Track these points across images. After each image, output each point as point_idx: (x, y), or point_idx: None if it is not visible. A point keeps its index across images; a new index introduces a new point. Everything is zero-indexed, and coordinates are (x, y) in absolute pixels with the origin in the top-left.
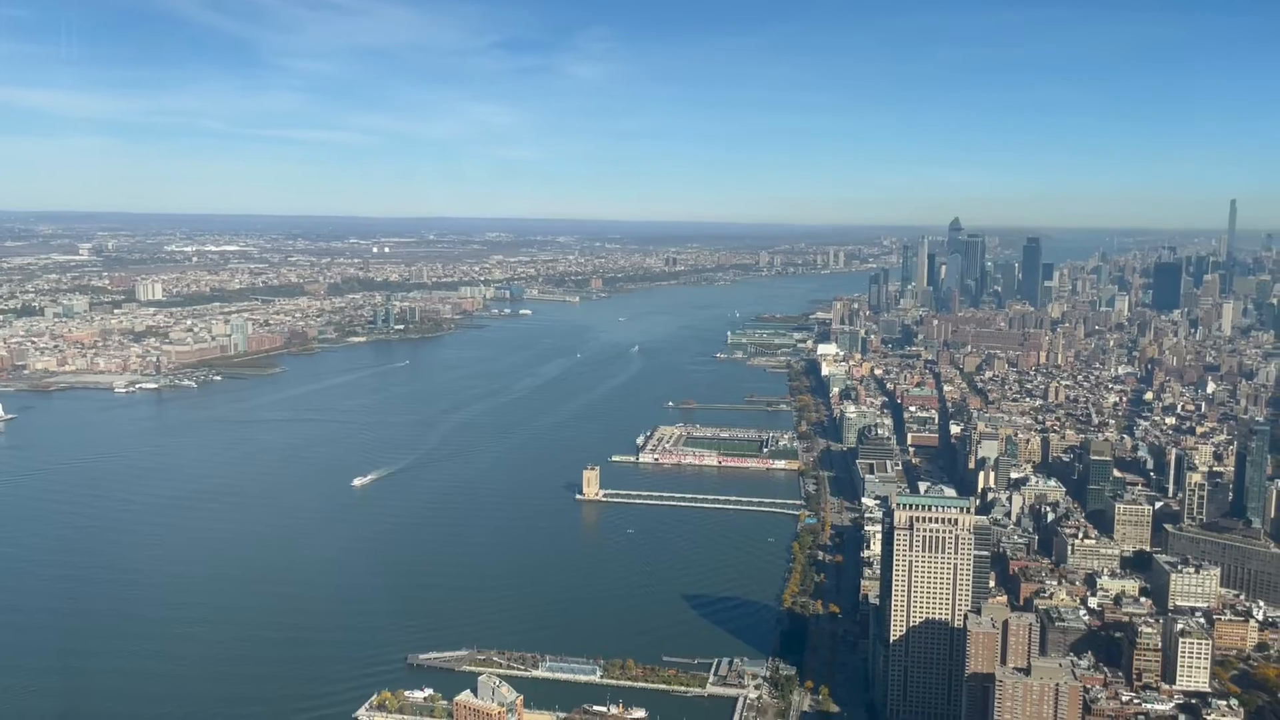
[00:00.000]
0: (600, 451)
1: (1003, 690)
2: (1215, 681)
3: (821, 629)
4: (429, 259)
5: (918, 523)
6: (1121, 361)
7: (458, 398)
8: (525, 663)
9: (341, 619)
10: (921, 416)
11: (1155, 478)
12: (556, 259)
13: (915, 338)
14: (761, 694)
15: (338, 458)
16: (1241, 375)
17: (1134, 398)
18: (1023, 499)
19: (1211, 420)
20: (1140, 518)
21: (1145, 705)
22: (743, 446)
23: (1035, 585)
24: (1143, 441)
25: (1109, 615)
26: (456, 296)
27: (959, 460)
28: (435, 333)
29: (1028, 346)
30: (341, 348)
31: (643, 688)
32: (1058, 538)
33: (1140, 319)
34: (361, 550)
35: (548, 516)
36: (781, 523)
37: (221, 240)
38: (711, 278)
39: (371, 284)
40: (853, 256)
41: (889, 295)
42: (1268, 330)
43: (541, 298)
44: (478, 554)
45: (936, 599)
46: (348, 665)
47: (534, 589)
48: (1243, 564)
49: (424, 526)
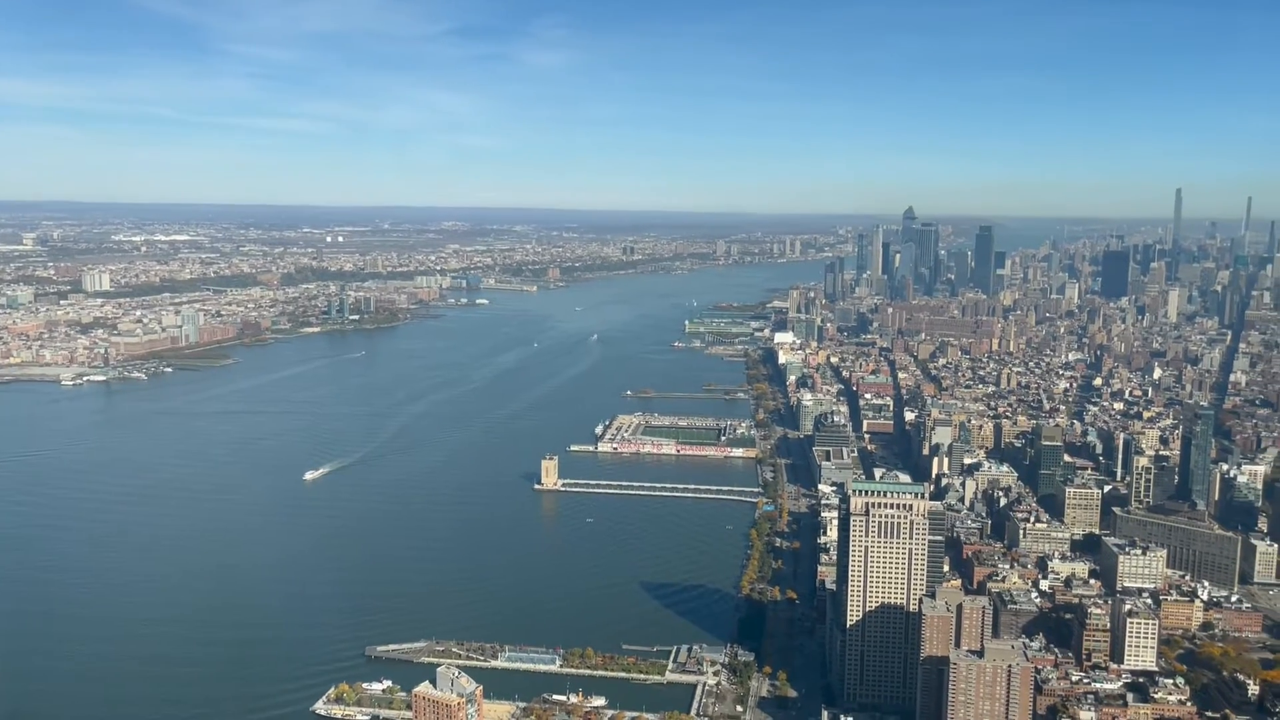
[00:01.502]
0: (559, 441)
1: (957, 672)
2: (1162, 660)
3: (779, 615)
4: (384, 248)
5: (873, 508)
6: (1071, 348)
7: (414, 388)
8: (484, 653)
9: (296, 613)
10: (877, 404)
11: (1104, 462)
12: (513, 248)
13: (870, 326)
14: (720, 680)
15: (291, 451)
16: (1187, 361)
17: (1083, 384)
18: (976, 484)
19: (1158, 405)
20: (1089, 501)
21: (1094, 684)
22: (701, 435)
23: (988, 569)
24: (1092, 426)
25: (1060, 597)
26: (412, 286)
27: (913, 446)
28: (391, 323)
29: (980, 334)
30: (295, 338)
31: (602, 676)
32: (1010, 522)
33: (1089, 306)
34: (315, 544)
35: (506, 507)
36: (739, 510)
37: (171, 230)
38: (669, 267)
39: (326, 274)
40: (809, 245)
41: (844, 284)
42: (1212, 317)
43: (498, 287)
44: (435, 546)
45: (892, 584)
46: (304, 659)
47: (493, 579)
48: (1188, 545)
49: (380, 519)
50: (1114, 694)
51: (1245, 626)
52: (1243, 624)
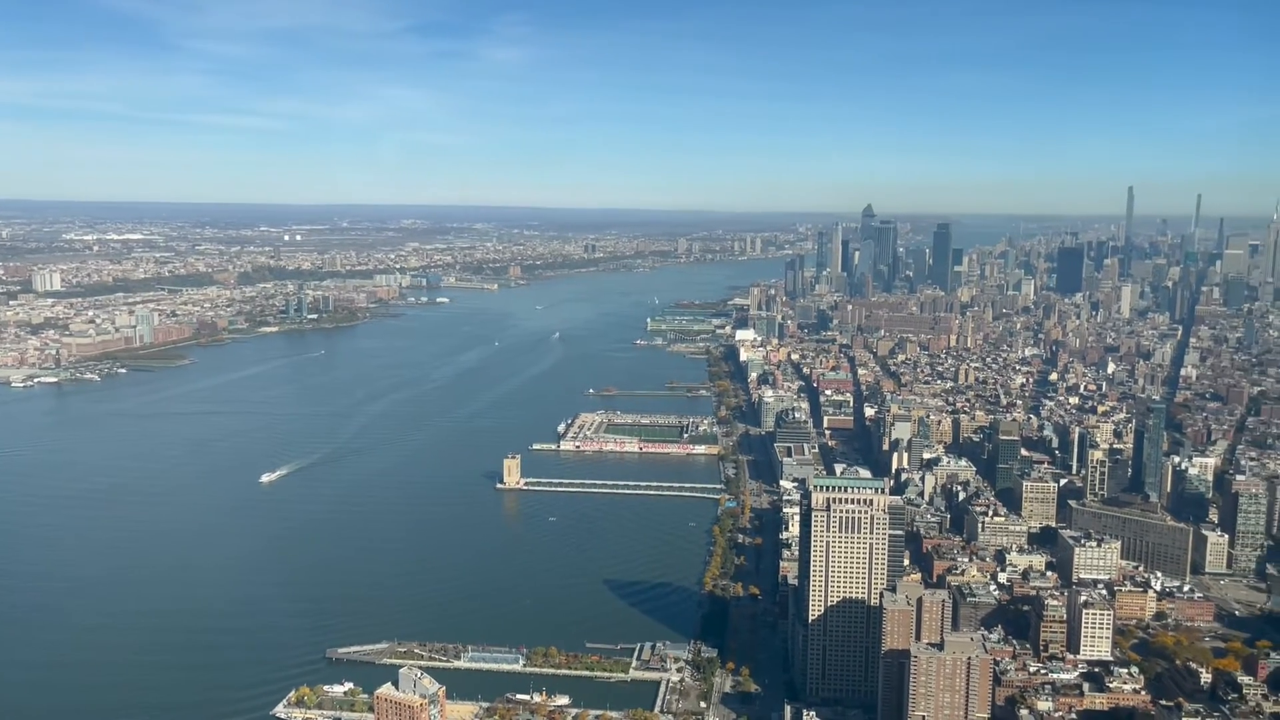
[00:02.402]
0: (521, 440)
1: (918, 665)
2: (1117, 650)
3: (742, 611)
4: (343, 247)
5: (834, 504)
6: (1028, 344)
7: (374, 388)
8: (447, 654)
9: (253, 616)
10: (837, 400)
11: (1060, 456)
12: (474, 246)
13: (830, 323)
14: (684, 677)
15: (248, 452)
16: (1139, 356)
17: (1040, 379)
18: (935, 479)
19: (1112, 399)
20: (1046, 495)
21: (1051, 675)
22: (663, 432)
23: (948, 563)
24: (1048, 421)
25: (1017, 589)
26: (372, 285)
27: (874, 442)
28: (350, 322)
29: (938, 330)
30: (253, 338)
31: (566, 675)
32: (969, 516)
33: (1045, 302)
34: (273, 546)
35: (468, 507)
36: (702, 507)
37: (124, 228)
38: (631, 265)
39: (283, 273)
40: (769, 243)
41: (805, 281)
42: (1163, 312)
43: (459, 285)
44: (397, 546)
45: (853, 578)
46: (263, 662)
47: (455, 579)
48: (1141, 537)
49: (339, 520)
50: (1070, 684)
51: (1197, 616)
52: (1195, 613)
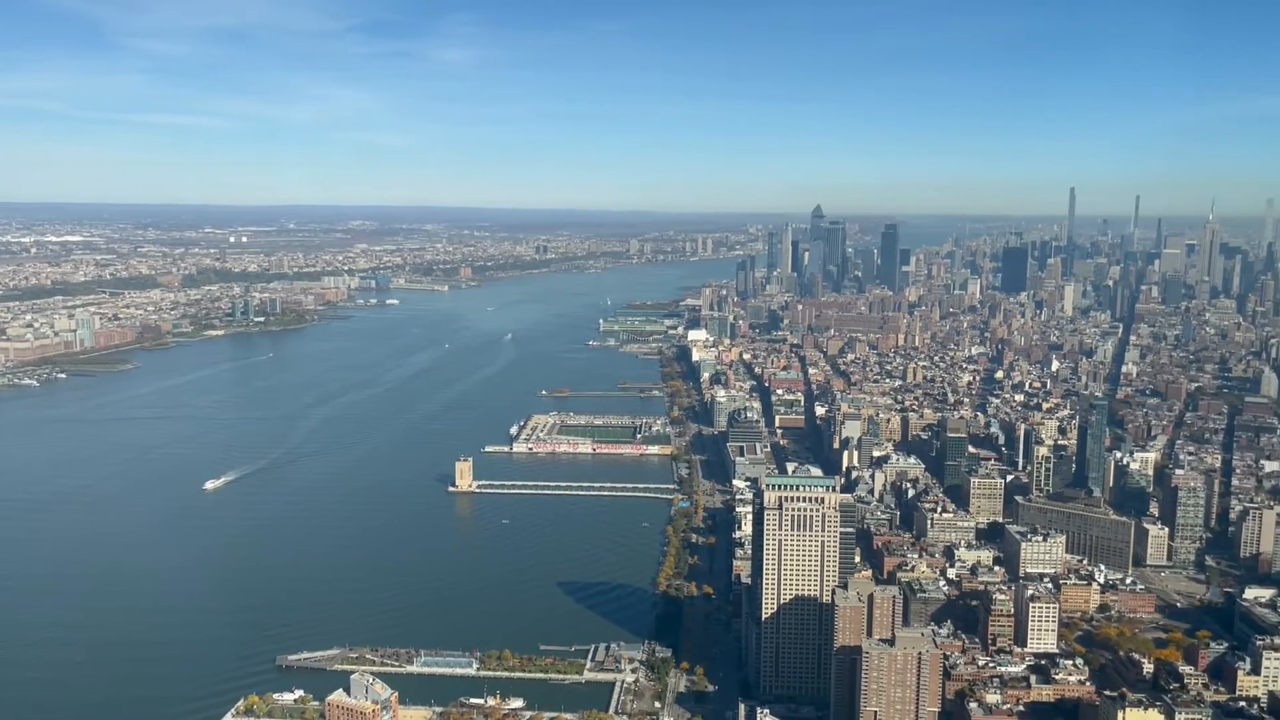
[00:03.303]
0: (473, 442)
1: (869, 661)
2: (1062, 643)
3: (696, 610)
4: (290, 248)
5: (786, 502)
6: (974, 342)
7: (323, 391)
8: (400, 658)
9: (200, 625)
10: (788, 399)
11: (1006, 452)
12: (424, 247)
13: (781, 323)
14: (638, 677)
15: (192, 458)
16: (1082, 353)
17: (986, 376)
18: (885, 476)
19: (1056, 396)
20: (993, 491)
21: (999, 668)
22: (616, 433)
23: (898, 559)
24: (994, 418)
25: (966, 585)
26: (320, 287)
27: (824, 440)
28: (298, 324)
29: (887, 329)
30: (198, 341)
31: (520, 677)
32: (918, 513)
33: (990, 301)
34: (219, 554)
35: (420, 510)
36: (656, 507)
37: (63, 230)
38: (583, 265)
39: (229, 275)
40: (720, 244)
41: (756, 282)
42: (1105, 311)
43: (409, 287)
44: (347, 551)
45: (805, 576)
46: (211, 671)
47: (407, 584)
48: (1085, 531)
49: (288, 526)
50: (1018, 676)
51: (1139, 607)
52: (1137, 605)
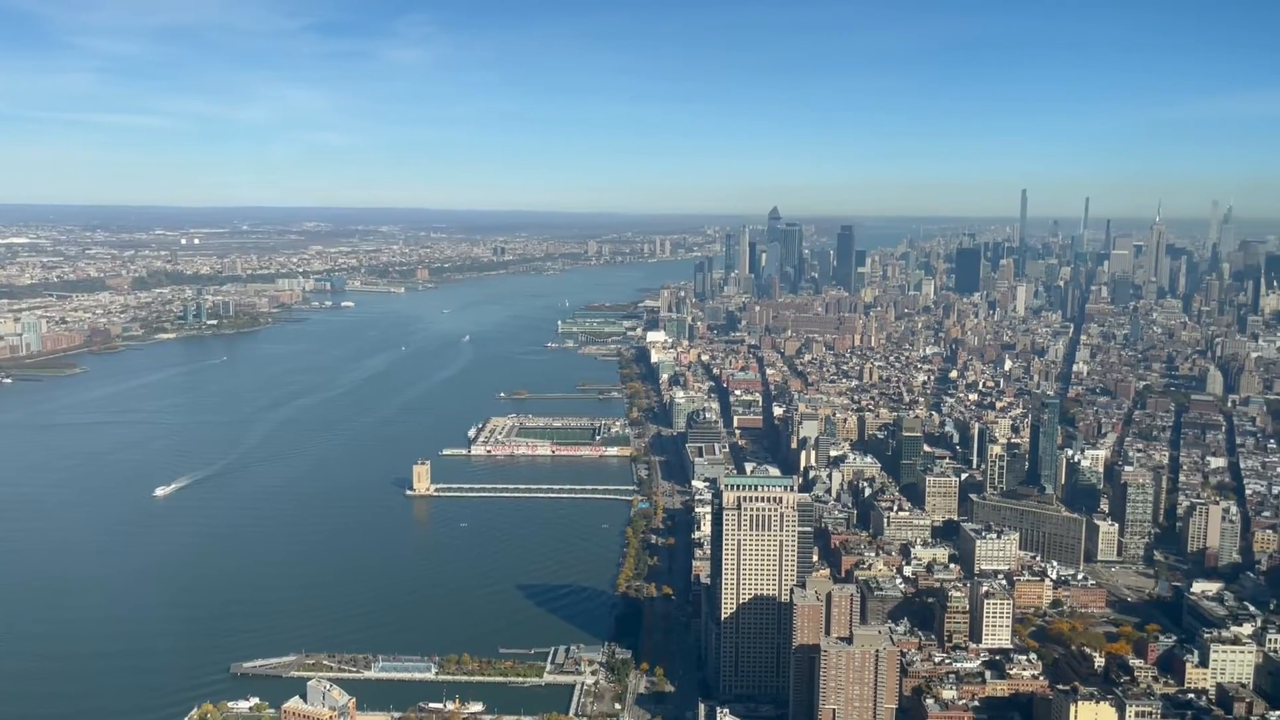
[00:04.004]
0: (431, 445)
1: (827, 659)
2: (1016, 638)
3: (656, 611)
4: (243, 250)
5: (745, 502)
6: (929, 342)
7: (278, 394)
8: (357, 664)
9: (150, 635)
10: (746, 400)
11: (961, 451)
12: (380, 249)
13: (739, 324)
14: (598, 679)
15: (142, 464)
16: (1034, 353)
17: (940, 376)
18: (842, 475)
19: (1009, 395)
20: (948, 489)
21: (955, 664)
22: (575, 435)
23: (855, 557)
24: (949, 417)
25: (922, 582)
26: (274, 289)
27: (782, 440)
28: (251, 327)
29: (843, 330)
30: (149, 345)
31: (480, 681)
32: (874, 511)
33: (945, 302)
34: (171, 562)
35: (377, 514)
36: (615, 509)
37: (8, 232)
38: (541, 267)
39: (181, 277)
40: (679, 245)
41: (713, 283)
42: (1056, 310)
43: (365, 289)
44: (303, 557)
45: (764, 575)
46: (163, 680)
47: (365, 589)
48: (1038, 528)
49: (242, 532)
50: (973, 672)
51: (1090, 603)
52: (1088, 600)
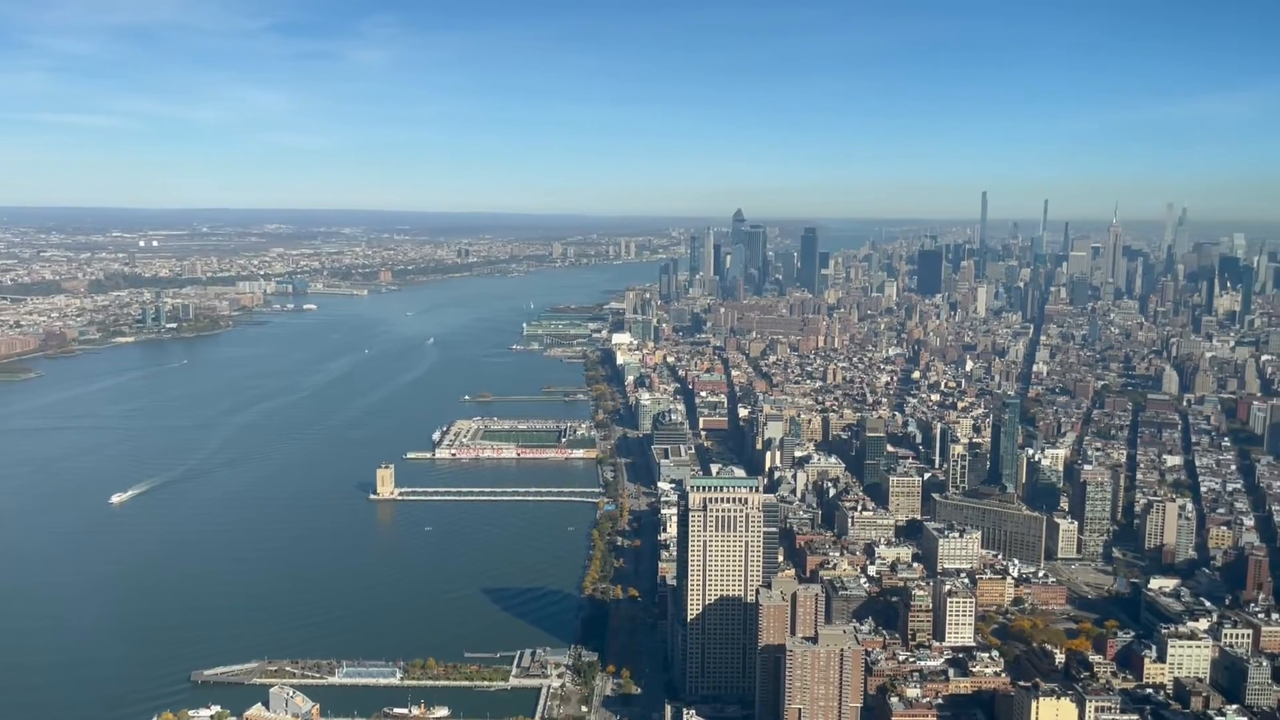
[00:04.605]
0: (394, 449)
1: (793, 659)
2: (979, 636)
3: (622, 613)
4: (203, 253)
5: (711, 504)
6: (891, 343)
7: (239, 399)
8: (321, 670)
9: (107, 645)
10: (712, 401)
11: (923, 451)
12: (342, 251)
13: (704, 325)
14: (564, 682)
15: (98, 470)
16: (995, 353)
17: (903, 377)
18: (807, 476)
19: (970, 395)
20: (911, 489)
21: (919, 663)
22: (541, 437)
23: (820, 558)
24: (912, 417)
25: (886, 581)
26: (234, 292)
27: (747, 441)
28: (212, 330)
29: (807, 331)
30: (107, 348)
31: (445, 686)
32: (839, 511)
33: (907, 303)
34: (128, 569)
35: (340, 519)
36: (581, 511)
37: None
38: (505, 269)
39: (139, 280)
40: (643, 247)
41: (678, 285)
42: (1016, 311)
43: (327, 291)
44: (265, 562)
45: (730, 576)
46: (121, 690)
47: (328, 594)
48: (999, 526)
49: (202, 538)
50: (937, 670)
51: (1051, 600)
52: (1049, 597)
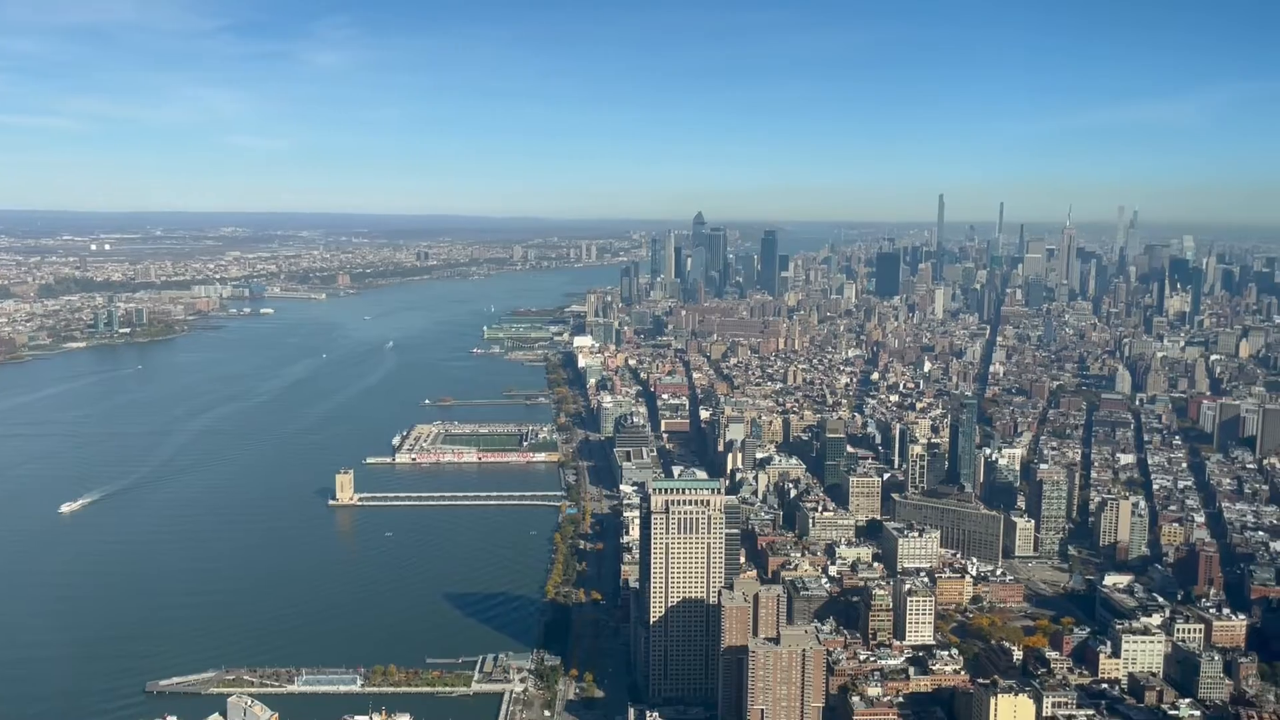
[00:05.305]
0: (354, 454)
1: (755, 660)
2: (938, 634)
3: (585, 617)
4: (157, 256)
5: (673, 506)
6: (851, 345)
7: (195, 404)
8: (280, 678)
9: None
10: (674, 403)
11: (883, 451)
12: (300, 255)
13: (665, 328)
14: (527, 687)
15: (48, 478)
16: (952, 354)
17: (862, 378)
18: (768, 477)
19: (929, 396)
20: (871, 489)
21: (880, 662)
22: (502, 441)
23: (782, 558)
24: (871, 418)
25: (847, 581)
26: (190, 296)
27: (709, 443)
28: (166, 335)
29: (768, 334)
30: (57, 354)
31: (406, 692)
32: (800, 512)
33: (866, 305)
34: (79, 579)
35: (299, 525)
36: (543, 515)
37: None
38: (465, 272)
39: (91, 284)
40: (604, 250)
41: (640, 287)
42: (973, 313)
43: (284, 296)
44: (222, 570)
45: (692, 578)
46: (73, 703)
47: (288, 602)
48: (958, 525)
49: (156, 546)
50: (897, 669)
51: (1009, 597)
52: (1006, 595)
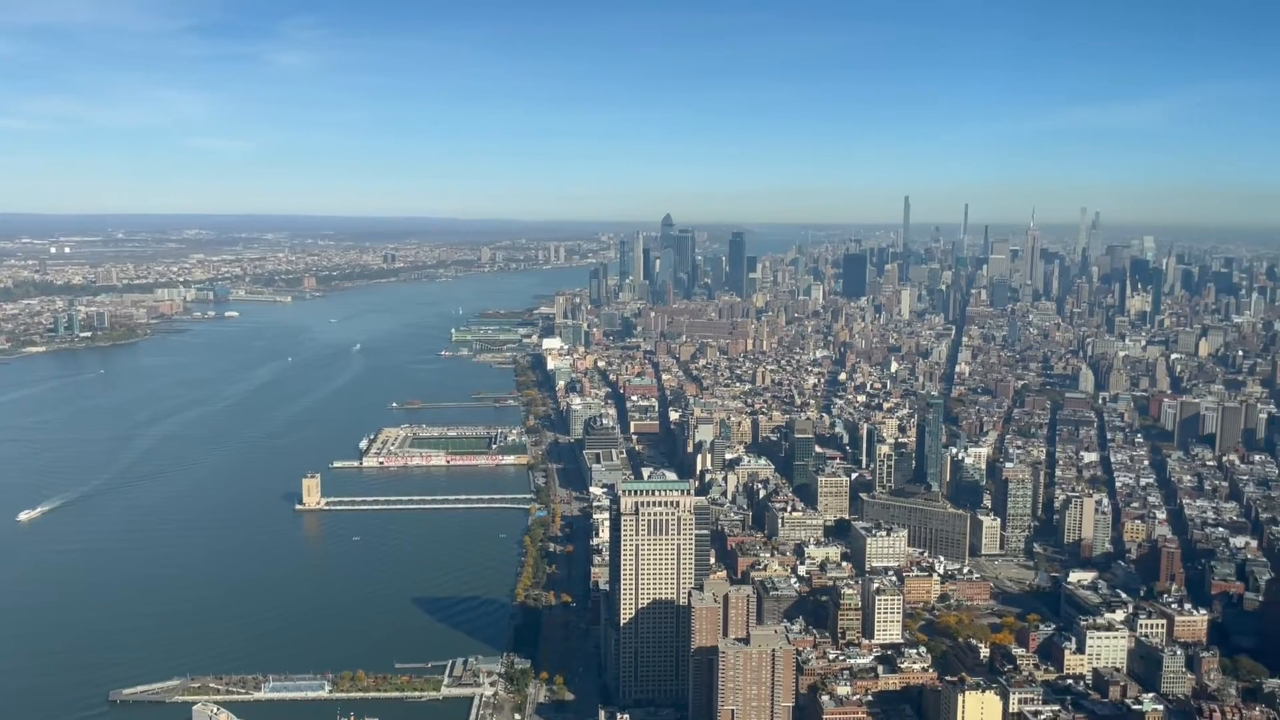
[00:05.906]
0: (321, 458)
1: (725, 660)
2: (907, 633)
3: (555, 619)
4: (119, 259)
5: (643, 507)
6: (818, 346)
7: (158, 409)
8: (246, 686)
9: (16, 671)
10: (643, 405)
11: (851, 451)
12: (265, 257)
13: (634, 329)
14: (497, 690)
15: (5, 486)
16: (919, 354)
17: (830, 379)
18: (737, 478)
19: (895, 396)
20: (839, 489)
21: (849, 661)
22: (471, 444)
23: (751, 559)
24: (839, 419)
25: (816, 581)
26: (152, 299)
27: (678, 445)
28: (129, 339)
29: (736, 335)
30: (16, 359)
31: (375, 698)
32: (769, 512)
33: (833, 306)
34: (38, 589)
35: (265, 530)
36: (513, 518)
37: None
38: (433, 274)
39: (51, 288)
40: (573, 251)
41: (608, 289)
42: (939, 313)
43: (249, 298)
44: (186, 577)
45: (662, 579)
46: (35, 713)
47: (253, 608)
48: (925, 524)
49: (119, 554)
50: (866, 668)
51: (976, 595)
52: (973, 593)
